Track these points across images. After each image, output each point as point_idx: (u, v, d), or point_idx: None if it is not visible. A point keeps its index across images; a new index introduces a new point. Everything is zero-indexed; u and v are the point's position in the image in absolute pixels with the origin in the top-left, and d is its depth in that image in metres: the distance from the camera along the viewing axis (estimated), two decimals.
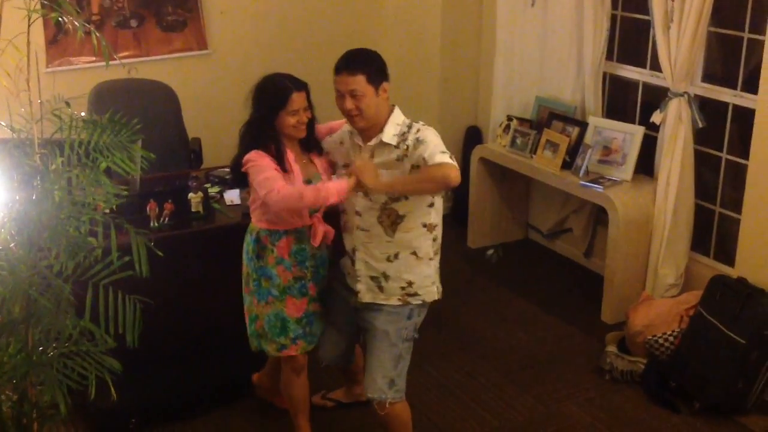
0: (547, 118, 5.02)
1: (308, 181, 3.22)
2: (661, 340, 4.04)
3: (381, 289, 3.23)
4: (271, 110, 3.15)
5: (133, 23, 5.31)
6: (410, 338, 3.30)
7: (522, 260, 5.43)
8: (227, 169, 4.42)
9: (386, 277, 3.21)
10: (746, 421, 3.78)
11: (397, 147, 3.11)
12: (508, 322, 4.65)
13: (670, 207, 4.43)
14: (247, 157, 3.15)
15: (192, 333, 3.95)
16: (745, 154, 4.20)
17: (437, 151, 3.01)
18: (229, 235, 3.92)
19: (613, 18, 4.83)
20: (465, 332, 4.54)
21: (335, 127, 3.35)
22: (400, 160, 3.10)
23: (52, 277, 2.49)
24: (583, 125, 4.83)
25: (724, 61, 4.48)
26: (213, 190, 4.19)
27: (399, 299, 3.23)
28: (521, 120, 5.18)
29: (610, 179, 4.62)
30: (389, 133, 3.12)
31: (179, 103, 5.01)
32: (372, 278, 3.23)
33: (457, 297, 4.90)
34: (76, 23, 2.60)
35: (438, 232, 3.27)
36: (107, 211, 2.81)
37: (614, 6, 4.80)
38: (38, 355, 2.58)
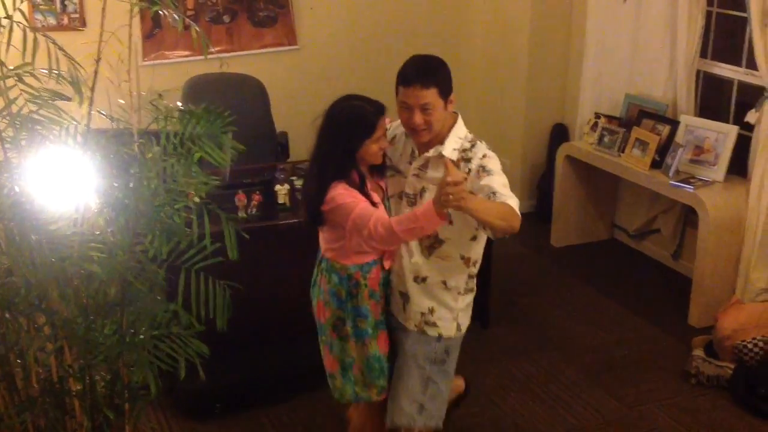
0: (636, 116, 4.94)
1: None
2: (750, 346, 3.93)
3: (404, 308, 2.98)
4: (357, 139, 2.82)
5: (226, 19, 5.45)
6: (441, 361, 3.00)
7: (607, 260, 5.35)
8: None
9: (409, 297, 2.96)
10: None
11: (456, 164, 2.80)
12: (591, 323, 4.59)
13: (764, 209, 4.30)
14: (333, 192, 2.81)
15: (278, 321, 4.03)
16: None
17: (507, 191, 2.75)
18: (315, 228, 3.99)
19: (708, 14, 4.71)
20: (548, 331, 4.50)
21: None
22: None
23: (146, 261, 2.58)
24: (674, 124, 4.73)
25: None
26: (299, 183, 4.27)
27: (416, 325, 2.97)
28: (610, 118, 5.10)
29: (701, 179, 4.51)
30: (450, 147, 2.86)
31: (268, 97, 5.12)
32: (400, 294, 2.98)
33: (541, 296, 4.86)
34: (175, 16, 2.68)
35: (476, 269, 3.00)
36: (197, 200, 2.89)
37: (709, 2, 4.68)
38: (131, 336, 2.68)
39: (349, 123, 2.83)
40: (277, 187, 4.02)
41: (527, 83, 5.72)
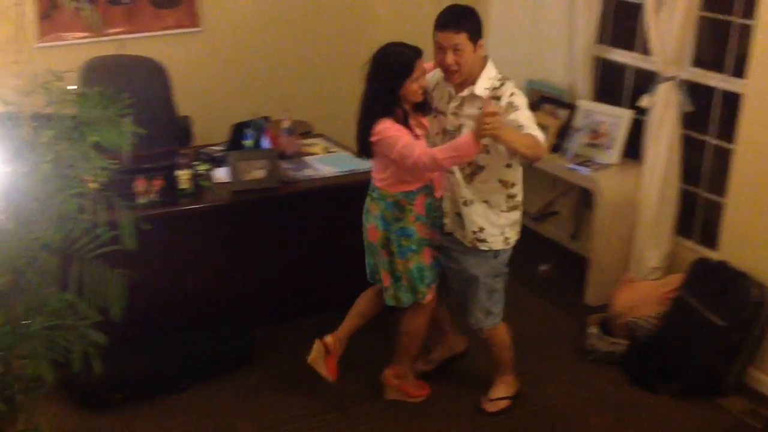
0: (537, 101, 5.04)
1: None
2: (642, 322, 4.08)
3: (461, 226, 3.49)
4: (398, 79, 3.28)
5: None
6: (500, 273, 3.58)
7: None
8: (217, 147, 4.47)
9: (462, 218, 3.46)
10: (724, 402, 3.83)
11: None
12: None
13: (656, 191, 4.46)
14: (380, 126, 3.28)
15: (179, 308, 3.99)
16: (731, 139, 4.23)
17: (532, 124, 3.24)
18: (218, 212, 3.95)
19: (605, 0, 4.84)
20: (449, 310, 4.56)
21: (427, 69, 3.46)
22: None
23: (37, 249, 2.51)
24: (572, 108, 4.85)
25: (713, 45, 4.50)
26: (202, 168, 4.21)
27: (470, 242, 3.48)
28: None
29: (597, 162, 4.65)
30: (481, 86, 3.33)
31: (169, 81, 5.01)
32: (456, 215, 3.50)
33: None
34: None
35: (516, 190, 3.47)
36: (95, 186, 2.83)
37: None
38: (23, 327, 2.60)
39: (390, 65, 3.30)
40: (178, 172, 3.96)
41: None
